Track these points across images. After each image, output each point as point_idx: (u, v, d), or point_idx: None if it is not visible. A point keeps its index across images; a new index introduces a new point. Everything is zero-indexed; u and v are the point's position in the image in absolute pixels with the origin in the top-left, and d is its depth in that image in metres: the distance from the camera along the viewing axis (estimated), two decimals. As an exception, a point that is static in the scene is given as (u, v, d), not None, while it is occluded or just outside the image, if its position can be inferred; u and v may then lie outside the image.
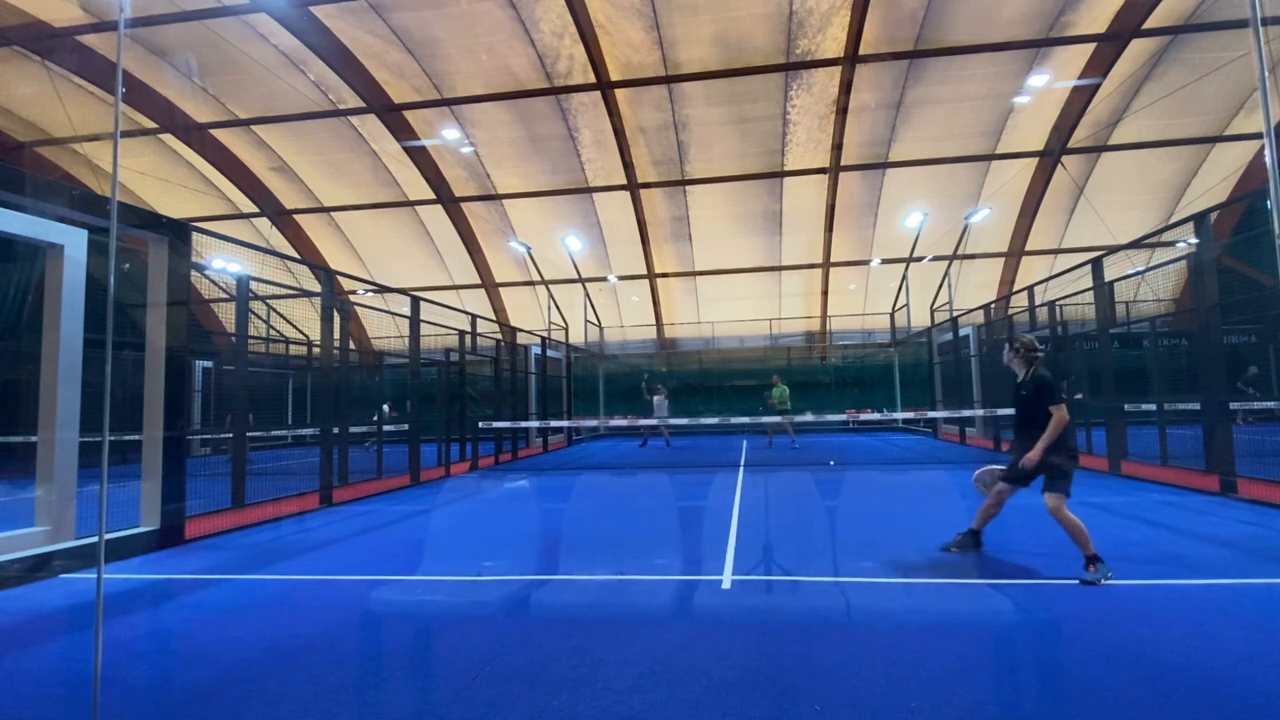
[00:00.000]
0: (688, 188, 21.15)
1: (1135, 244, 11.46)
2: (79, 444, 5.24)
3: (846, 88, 17.34)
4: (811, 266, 23.50)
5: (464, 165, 20.84)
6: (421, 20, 15.86)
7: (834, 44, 16.38)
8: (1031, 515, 6.41)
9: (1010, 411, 5.07)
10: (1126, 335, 15.15)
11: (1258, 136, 18.94)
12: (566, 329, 20.70)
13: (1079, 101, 17.87)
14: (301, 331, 15.22)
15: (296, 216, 22.99)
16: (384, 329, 22.17)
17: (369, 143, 19.94)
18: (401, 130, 19.15)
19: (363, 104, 18.21)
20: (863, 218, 21.98)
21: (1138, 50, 16.40)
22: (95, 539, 3.38)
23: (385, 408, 13.82)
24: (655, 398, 16.44)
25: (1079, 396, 10.98)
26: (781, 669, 2.92)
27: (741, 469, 11.05)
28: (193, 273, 6.91)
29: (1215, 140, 19.15)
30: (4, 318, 12.53)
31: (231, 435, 7.83)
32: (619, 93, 17.88)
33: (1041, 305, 11.51)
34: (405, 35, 16.28)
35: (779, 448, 14.98)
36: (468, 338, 12.84)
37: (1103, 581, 4.07)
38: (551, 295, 20.81)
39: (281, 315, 16.77)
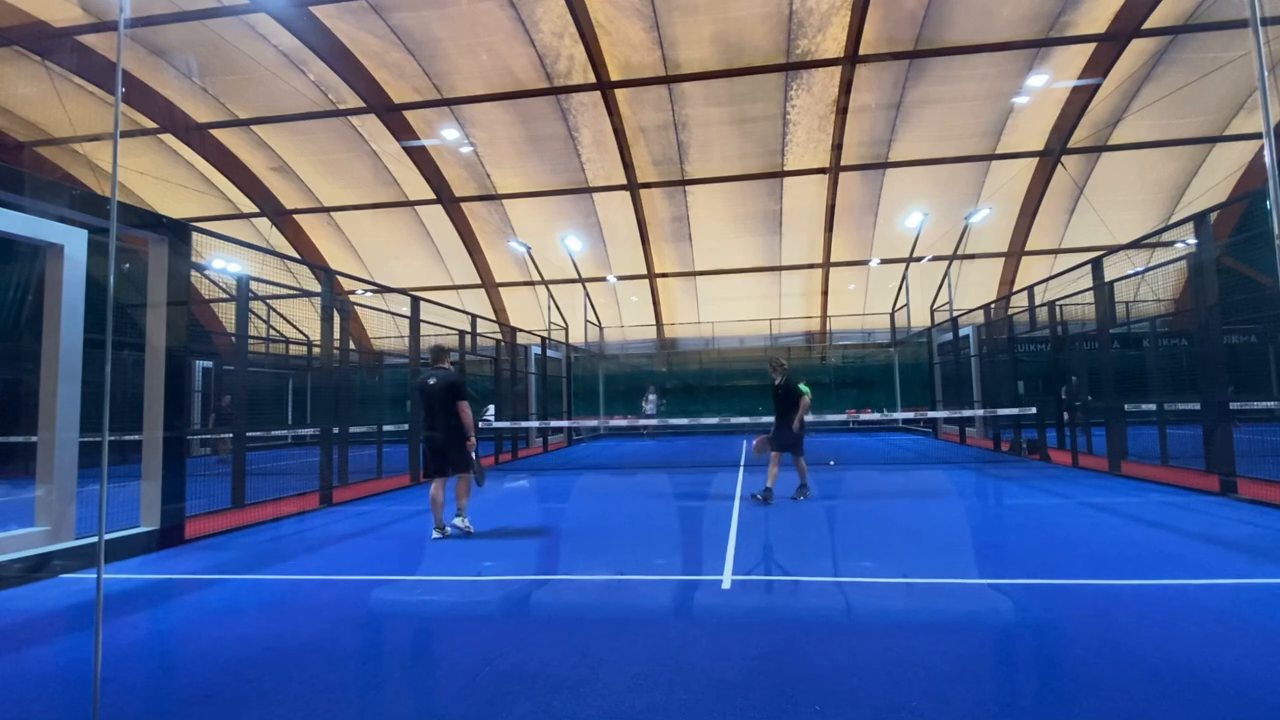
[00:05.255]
0: (688, 188, 21.14)
1: (1135, 244, 11.46)
2: (79, 444, 5.24)
3: (846, 88, 17.34)
4: (811, 266, 23.49)
5: (464, 165, 20.83)
6: (421, 20, 15.86)
7: (834, 44, 16.37)
8: (1031, 515, 6.42)
9: (1008, 411, 5.11)
10: (1126, 335, 15.14)
11: (1258, 136, 18.94)
12: (566, 329, 20.69)
13: (1079, 101, 17.86)
14: (301, 331, 15.21)
15: (296, 216, 22.98)
16: (384, 329, 22.15)
17: (369, 143, 19.93)
18: (401, 130, 19.15)
19: (363, 104, 18.21)
20: (862, 218, 21.97)
21: (1138, 50, 16.39)
22: (95, 539, 3.38)
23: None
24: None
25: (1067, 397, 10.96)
26: (781, 669, 2.92)
27: (741, 469, 11.05)
28: (193, 273, 6.92)
29: (1215, 140, 19.14)
30: (4, 318, 12.53)
31: (231, 435, 7.83)
32: (619, 93, 17.88)
33: (1041, 305, 11.51)
34: (405, 35, 16.27)
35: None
36: (468, 338, 12.84)
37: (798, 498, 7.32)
38: (551, 295, 20.80)
39: (281, 315, 16.76)
